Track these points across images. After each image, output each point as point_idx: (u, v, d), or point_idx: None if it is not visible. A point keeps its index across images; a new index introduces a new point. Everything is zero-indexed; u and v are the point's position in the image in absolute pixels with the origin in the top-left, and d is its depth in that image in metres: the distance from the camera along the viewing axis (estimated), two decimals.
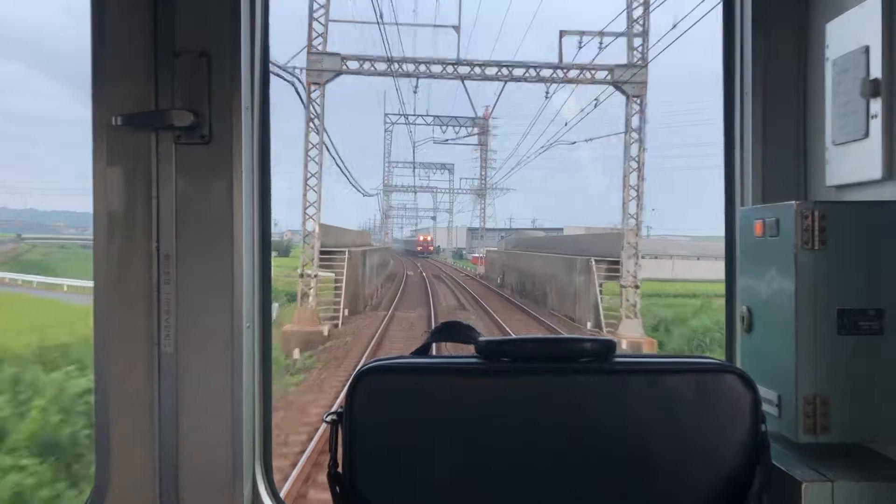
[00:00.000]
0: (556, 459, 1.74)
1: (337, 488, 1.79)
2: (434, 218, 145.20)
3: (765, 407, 1.83)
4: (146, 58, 2.19)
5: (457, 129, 56.38)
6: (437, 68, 30.39)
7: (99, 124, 2.20)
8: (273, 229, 2.61)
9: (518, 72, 29.93)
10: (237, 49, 2.21)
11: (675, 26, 23.76)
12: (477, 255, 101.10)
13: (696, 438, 1.75)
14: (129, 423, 2.23)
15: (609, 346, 1.80)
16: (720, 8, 2.57)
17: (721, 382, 1.77)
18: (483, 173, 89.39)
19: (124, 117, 2.16)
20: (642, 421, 1.74)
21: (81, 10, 2.23)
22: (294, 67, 27.54)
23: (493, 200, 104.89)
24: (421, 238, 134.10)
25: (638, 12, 27.59)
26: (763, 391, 1.87)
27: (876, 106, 2.05)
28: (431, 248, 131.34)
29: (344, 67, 28.95)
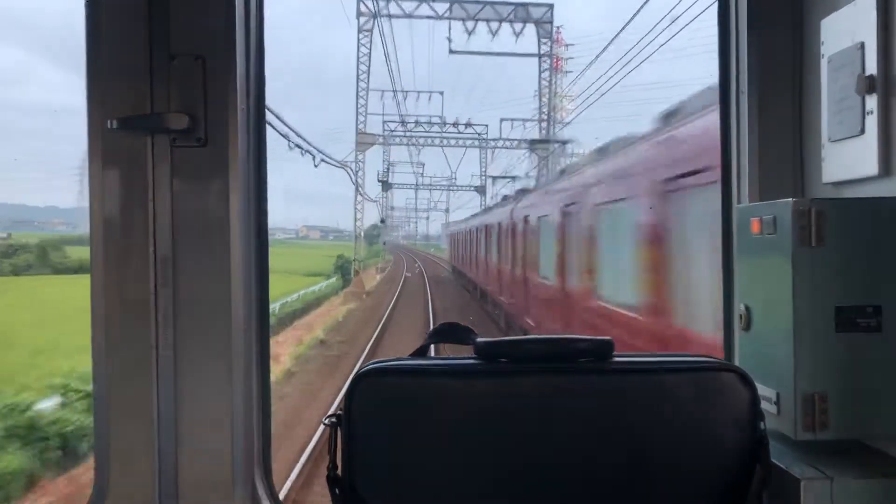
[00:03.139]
0: (556, 459, 1.74)
1: (336, 490, 1.79)
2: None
3: (763, 405, 1.83)
4: (142, 61, 2.19)
5: (494, 24, 31.02)
6: None
7: (95, 127, 2.20)
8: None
9: None
10: (232, 51, 2.21)
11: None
12: None
13: (695, 437, 1.75)
14: (128, 427, 2.23)
15: (607, 346, 1.79)
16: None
17: (720, 381, 1.77)
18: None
19: (120, 120, 2.16)
20: (641, 420, 1.74)
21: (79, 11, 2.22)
22: None
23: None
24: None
25: None
26: (762, 389, 1.87)
27: (871, 102, 2.05)
28: None
29: None
